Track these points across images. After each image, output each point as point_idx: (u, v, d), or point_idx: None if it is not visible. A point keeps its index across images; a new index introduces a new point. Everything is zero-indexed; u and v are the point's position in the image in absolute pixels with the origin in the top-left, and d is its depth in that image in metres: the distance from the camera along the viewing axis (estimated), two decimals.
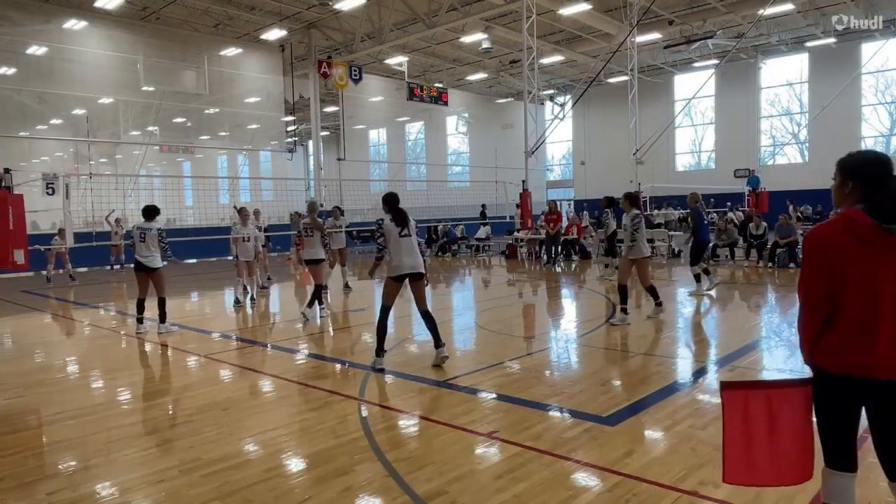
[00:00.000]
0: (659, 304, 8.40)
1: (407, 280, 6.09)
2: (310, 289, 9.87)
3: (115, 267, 18.59)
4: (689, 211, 11.03)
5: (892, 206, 2.20)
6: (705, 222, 10.92)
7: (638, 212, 8.30)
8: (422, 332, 8.30)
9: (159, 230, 8.32)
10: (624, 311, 8.07)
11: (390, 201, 6.16)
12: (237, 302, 10.72)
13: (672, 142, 30.43)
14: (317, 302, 9.33)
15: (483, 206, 23.69)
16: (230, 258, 10.70)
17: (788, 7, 20.57)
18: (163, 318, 8.37)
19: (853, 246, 2.24)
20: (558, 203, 18.97)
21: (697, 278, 10.38)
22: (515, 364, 6.34)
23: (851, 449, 2.36)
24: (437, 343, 6.15)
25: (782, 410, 2.43)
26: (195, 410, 5.03)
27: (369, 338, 8.30)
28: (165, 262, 8.43)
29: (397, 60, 26.16)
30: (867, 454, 2.57)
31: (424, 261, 6.20)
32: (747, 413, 2.43)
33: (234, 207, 11.34)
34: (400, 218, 6.06)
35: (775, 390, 2.51)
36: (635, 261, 8.25)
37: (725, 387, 2.47)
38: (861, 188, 2.30)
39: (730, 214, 20.44)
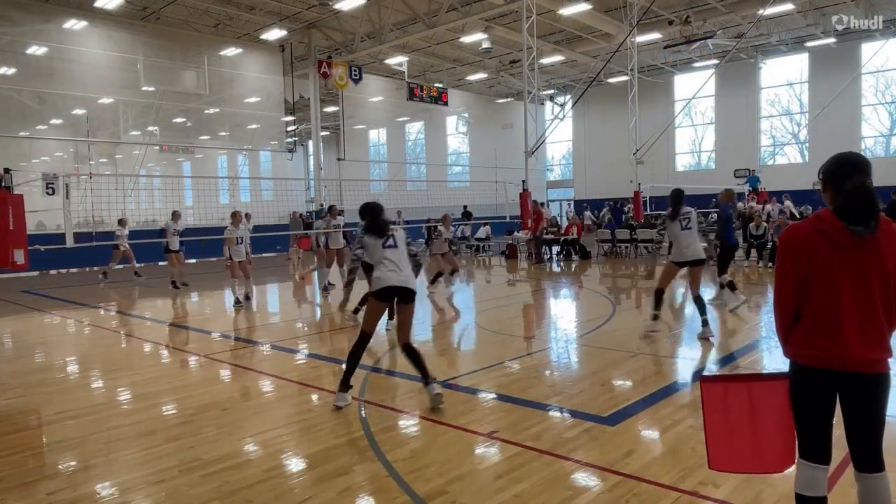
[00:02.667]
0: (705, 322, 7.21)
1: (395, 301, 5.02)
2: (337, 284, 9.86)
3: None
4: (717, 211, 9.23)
5: (846, 208, 2.30)
6: (733, 224, 9.15)
7: (664, 214, 7.55)
8: (421, 333, 8.31)
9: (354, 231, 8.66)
10: (655, 317, 7.36)
11: (367, 210, 5.15)
12: (237, 302, 10.76)
13: (672, 142, 30.41)
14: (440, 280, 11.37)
15: (465, 206, 23.65)
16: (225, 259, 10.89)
17: (788, 7, 20.56)
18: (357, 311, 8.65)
19: (820, 244, 2.34)
20: (541, 203, 18.98)
21: (730, 286, 8.79)
22: (515, 364, 6.34)
23: (825, 441, 2.43)
24: (426, 379, 4.92)
25: (763, 402, 2.53)
26: (195, 410, 5.03)
27: None
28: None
29: (397, 60, 26.15)
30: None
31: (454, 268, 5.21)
32: (727, 404, 2.55)
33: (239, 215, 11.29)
34: (378, 229, 5.03)
35: (756, 383, 2.62)
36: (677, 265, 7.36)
37: (704, 380, 2.63)
38: (832, 189, 2.40)
39: (769, 207, 19.93)
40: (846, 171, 2.35)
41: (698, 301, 7.15)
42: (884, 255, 2.29)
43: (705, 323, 7.04)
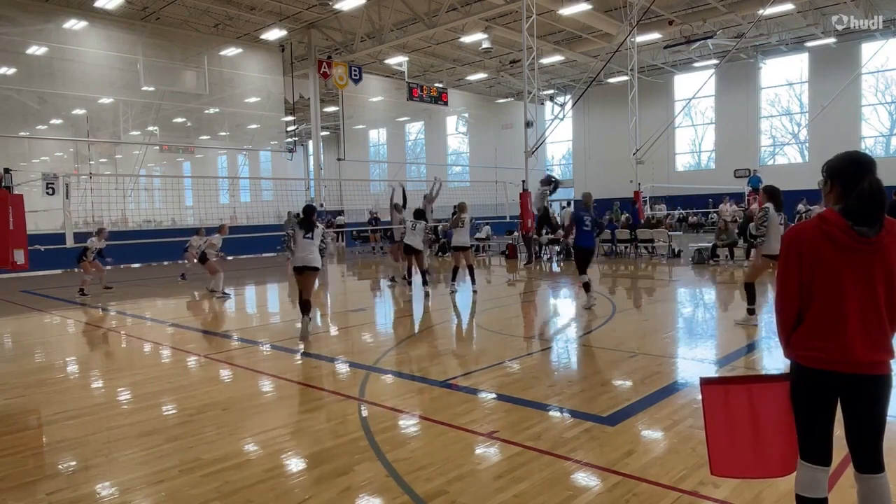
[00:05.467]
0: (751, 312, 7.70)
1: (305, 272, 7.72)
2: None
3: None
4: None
5: (858, 208, 2.26)
6: (585, 227, 9.44)
7: (768, 206, 7.60)
8: (422, 333, 8.31)
9: (426, 225, 10.50)
10: (750, 311, 7.71)
11: (305, 211, 8.01)
12: (226, 294, 12.00)
13: (672, 142, 30.42)
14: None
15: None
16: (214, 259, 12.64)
17: (788, 7, 20.57)
18: (425, 281, 11.18)
19: (824, 245, 2.31)
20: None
21: (587, 287, 9.33)
22: (515, 364, 6.33)
23: (826, 443, 2.41)
24: (305, 314, 7.80)
25: (764, 404, 2.51)
26: (195, 410, 5.03)
27: (369, 337, 8.33)
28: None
29: (397, 60, 26.17)
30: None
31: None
32: (728, 407, 2.53)
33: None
34: (306, 225, 7.74)
35: (757, 385, 2.60)
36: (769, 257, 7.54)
37: (705, 382, 2.58)
38: (840, 189, 2.35)
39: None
40: (857, 171, 2.31)
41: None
42: (888, 256, 2.27)
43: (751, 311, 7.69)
